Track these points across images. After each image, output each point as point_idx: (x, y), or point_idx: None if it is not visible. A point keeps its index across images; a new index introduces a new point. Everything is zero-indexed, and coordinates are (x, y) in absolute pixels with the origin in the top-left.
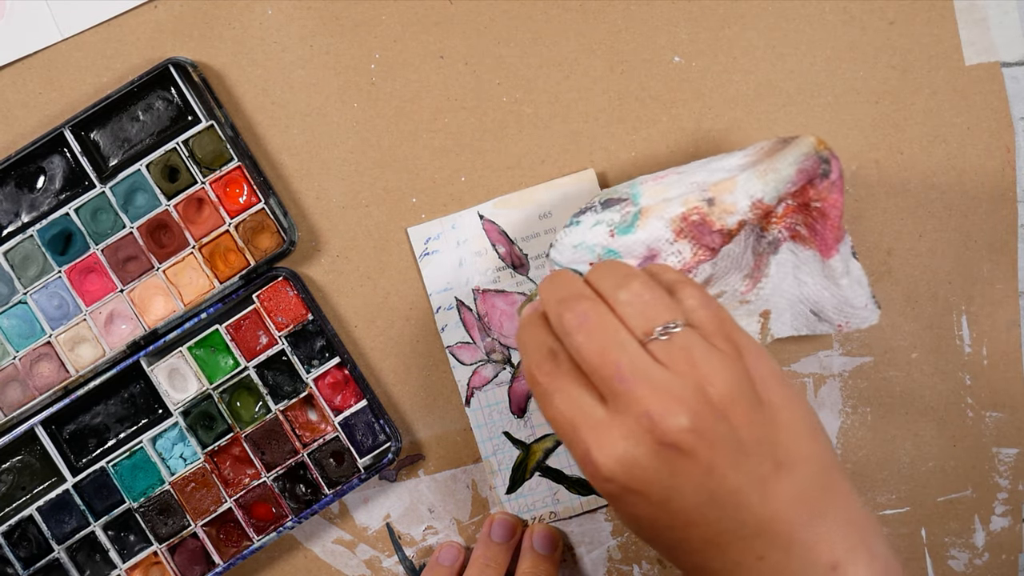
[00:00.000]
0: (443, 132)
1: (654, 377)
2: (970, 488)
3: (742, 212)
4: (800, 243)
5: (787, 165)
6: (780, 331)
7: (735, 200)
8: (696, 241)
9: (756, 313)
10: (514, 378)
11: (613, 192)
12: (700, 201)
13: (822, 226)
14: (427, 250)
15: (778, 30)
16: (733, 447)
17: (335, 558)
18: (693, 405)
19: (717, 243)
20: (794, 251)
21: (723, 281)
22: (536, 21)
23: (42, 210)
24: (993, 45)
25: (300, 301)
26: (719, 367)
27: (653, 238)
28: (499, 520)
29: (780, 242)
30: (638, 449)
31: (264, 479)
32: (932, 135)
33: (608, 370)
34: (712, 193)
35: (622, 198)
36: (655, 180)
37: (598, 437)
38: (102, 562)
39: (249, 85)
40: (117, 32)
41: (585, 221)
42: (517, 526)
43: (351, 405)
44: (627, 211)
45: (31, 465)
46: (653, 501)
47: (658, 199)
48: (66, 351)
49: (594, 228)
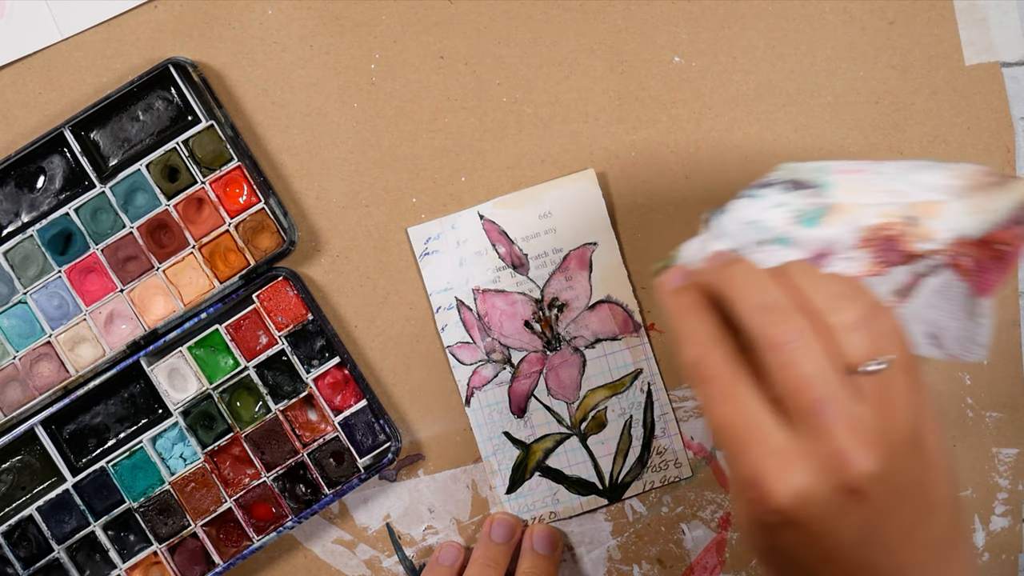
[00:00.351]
0: (443, 132)
1: (854, 415)
2: (970, 488)
3: (941, 243)
4: (959, 273)
5: (1004, 207)
6: None
7: (938, 228)
8: (878, 255)
9: None
10: (514, 378)
11: (798, 172)
12: (901, 218)
13: (995, 268)
14: (427, 250)
15: (778, 30)
16: (899, 492)
17: (335, 558)
18: (884, 449)
19: (895, 261)
20: (946, 277)
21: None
22: (536, 21)
23: (42, 210)
24: (993, 45)
25: (300, 301)
26: (907, 410)
27: (834, 239)
28: (499, 520)
29: (940, 269)
30: (820, 487)
31: (264, 479)
32: (932, 135)
33: (807, 398)
34: (915, 213)
35: (811, 183)
36: (849, 173)
37: (779, 465)
38: (102, 562)
39: (249, 85)
40: (117, 32)
41: (767, 198)
42: (517, 526)
43: (351, 405)
44: (816, 202)
45: (31, 465)
46: (807, 536)
47: (855, 200)
48: (66, 351)
49: (775, 209)
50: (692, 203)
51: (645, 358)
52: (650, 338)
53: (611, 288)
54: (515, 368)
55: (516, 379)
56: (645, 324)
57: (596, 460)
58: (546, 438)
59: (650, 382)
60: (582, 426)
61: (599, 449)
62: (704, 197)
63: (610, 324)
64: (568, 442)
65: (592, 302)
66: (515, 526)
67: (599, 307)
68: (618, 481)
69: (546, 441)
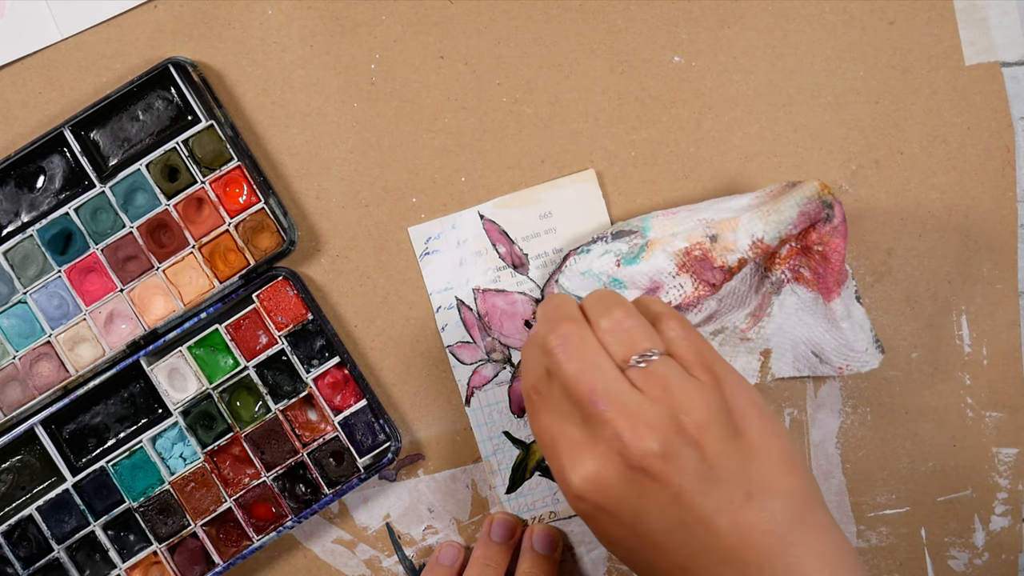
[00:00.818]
0: (443, 132)
1: (627, 401)
2: (970, 488)
3: (742, 250)
4: (803, 285)
5: (789, 207)
6: (781, 371)
7: (736, 238)
8: (697, 276)
9: (757, 351)
10: (514, 378)
11: (626, 224)
12: (703, 237)
13: (824, 269)
14: (427, 250)
15: (778, 30)
16: (703, 474)
17: (335, 558)
18: (664, 431)
19: (718, 279)
20: (797, 292)
21: (726, 318)
22: (536, 21)
23: (42, 210)
24: (993, 45)
25: (300, 301)
26: (694, 395)
27: (656, 270)
28: (499, 520)
29: (783, 283)
30: (608, 470)
31: (264, 479)
32: (932, 135)
33: (584, 391)
34: (715, 230)
35: (632, 230)
36: (666, 215)
37: (572, 456)
38: (102, 562)
39: (249, 85)
40: (117, 32)
41: (595, 250)
42: (517, 526)
43: (351, 405)
44: (635, 243)
45: (31, 465)
46: (623, 522)
47: (666, 233)
48: (66, 351)
49: (602, 257)
50: (692, 203)
51: None
52: None
53: None
54: (515, 368)
55: (516, 379)
56: None
57: None
58: None
59: None
60: None
61: None
62: (704, 197)
63: None
64: None
65: None
66: (515, 526)
67: None
68: None
69: None
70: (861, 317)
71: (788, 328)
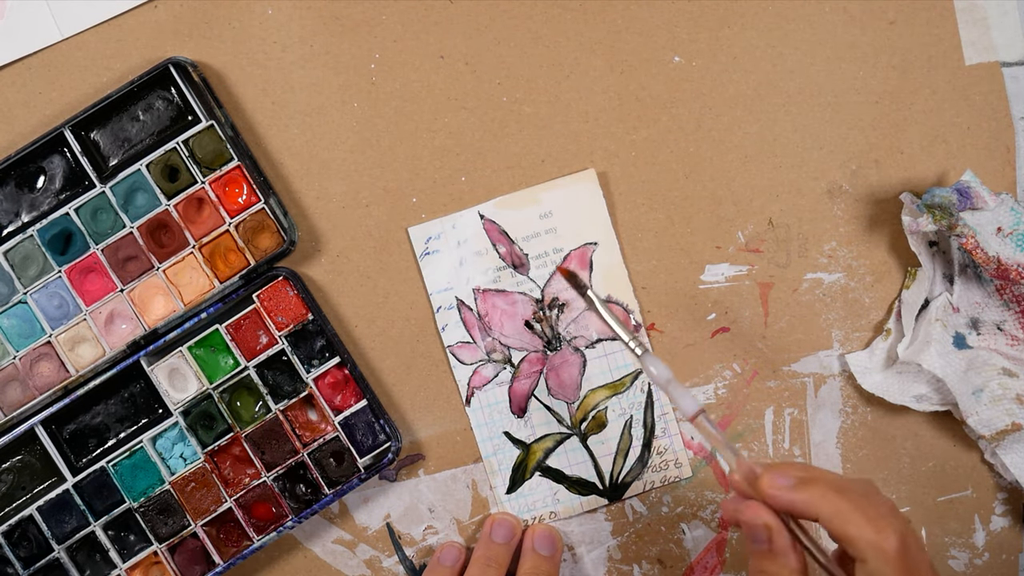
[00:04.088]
0: (443, 132)
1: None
2: (970, 488)
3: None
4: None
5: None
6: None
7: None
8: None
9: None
10: (514, 378)
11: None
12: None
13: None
14: (427, 250)
15: (778, 30)
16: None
17: (335, 558)
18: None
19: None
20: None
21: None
22: (536, 21)
23: (42, 210)
24: (993, 45)
25: (300, 301)
26: None
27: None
28: (500, 520)
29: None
30: None
31: (264, 479)
32: (932, 135)
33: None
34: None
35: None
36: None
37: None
38: (102, 562)
39: (249, 85)
40: (117, 32)
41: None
42: (517, 526)
43: (351, 405)
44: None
45: (31, 465)
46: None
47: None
48: (66, 351)
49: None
50: (692, 203)
51: None
52: (650, 338)
53: (611, 288)
54: (515, 368)
55: (516, 379)
56: (645, 324)
57: (596, 460)
58: (546, 438)
59: (650, 382)
60: (582, 426)
61: (599, 449)
62: (704, 197)
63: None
64: (568, 442)
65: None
66: (516, 526)
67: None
68: (618, 481)
69: (546, 441)
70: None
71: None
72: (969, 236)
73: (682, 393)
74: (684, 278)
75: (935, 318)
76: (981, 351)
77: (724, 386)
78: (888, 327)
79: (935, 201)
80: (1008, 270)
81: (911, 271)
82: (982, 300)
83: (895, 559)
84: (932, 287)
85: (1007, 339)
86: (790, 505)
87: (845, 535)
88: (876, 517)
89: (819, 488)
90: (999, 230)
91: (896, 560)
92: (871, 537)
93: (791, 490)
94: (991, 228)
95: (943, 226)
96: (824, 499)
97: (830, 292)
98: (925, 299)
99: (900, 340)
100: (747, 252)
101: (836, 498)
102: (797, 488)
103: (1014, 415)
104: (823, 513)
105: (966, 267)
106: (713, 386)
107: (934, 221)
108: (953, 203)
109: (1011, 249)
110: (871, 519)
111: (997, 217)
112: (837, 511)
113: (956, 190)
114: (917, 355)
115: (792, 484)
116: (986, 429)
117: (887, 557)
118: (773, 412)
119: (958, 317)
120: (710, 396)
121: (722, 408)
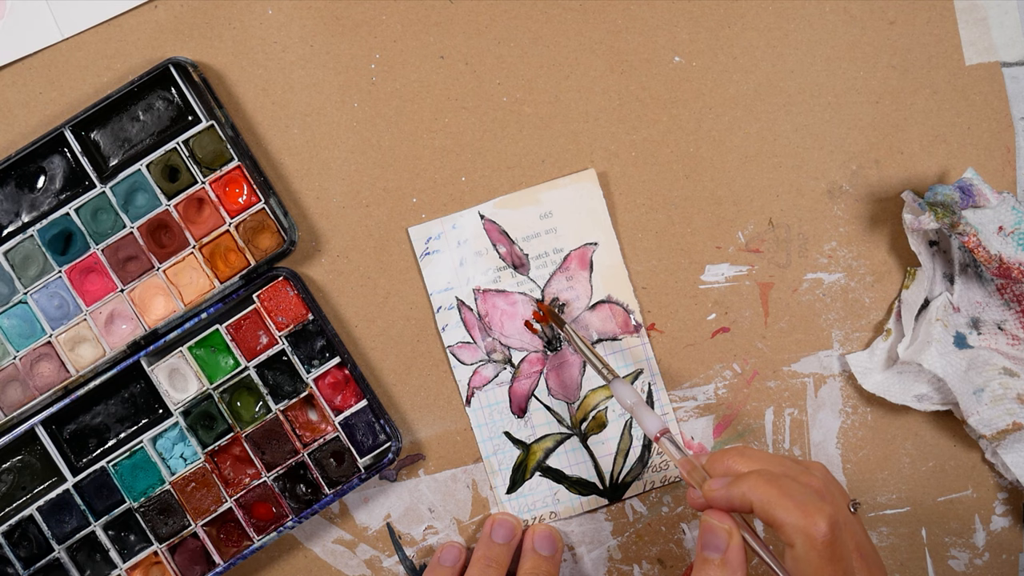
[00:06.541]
0: (443, 132)
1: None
2: (970, 488)
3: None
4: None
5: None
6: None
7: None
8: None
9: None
10: (515, 378)
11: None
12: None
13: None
14: (427, 250)
15: (778, 30)
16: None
17: (335, 558)
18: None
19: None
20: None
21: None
22: (536, 21)
23: (42, 210)
24: (993, 45)
25: (300, 301)
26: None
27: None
28: (500, 520)
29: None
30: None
31: (264, 479)
32: (932, 135)
33: None
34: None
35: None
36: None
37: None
38: (102, 562)
39: (249, 85)
40: (117, 32)
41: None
42: (518, 526)
43: (351, 405)
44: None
45: (31, 465)
46: None
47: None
48: (66, 351)
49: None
50: (692, 203)
51: (645, 358)
52: (650, 338)
53: (612, 288)
54: (516, 368)
55: (517, 379)
56: (645, 324)
57: (596, 460)
58: (546, 438)
59: (651, 382)
60: (583, 426)
61: (599, 449)
62: (704, 197)
63: (611, 324)
64: (568, 442)
65: (593, 302)
66: (516, 526)
67: (600, 307)
68: (618, 481)
69: (546, 441)
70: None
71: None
72: (971, 235)
73: (647, 415)
74: (684, 278)
75: (936, 318)
76: (982, 351)
77: (724, 386)
78: (888, 327)
79: (937, 199)
80: (1010, 269)
81: (911, 271)
82: (983, 299)
83: (822, 544)
84: (932, 287)
85: (1008, 338)
86: (728, 502)
87: (774, 520)
88: (805, 502)
89: (751, 479)
90: (1000, 229)
91: (823, 546)
92: (798, 522)
93: (727, 487)
94: (992, 227)
95: (945, 224)
96: (754, 488)
97: (830, 292)
98: (925, 299)
99: (900, 340)
100: (747, 252)
101: (766, 486)
102: (732, 484)
103: (1015, 414)
104: (754, 501)
105: (967, 266)
106: (713, 386)
107: (936, 219)
108: (955, 201)
109: (1012, 248)
110: (799, 504)
111: (998, 216)
112: (767, 498)
113: (959, 188)
114: (918, 355)
115: (727, 482)
116: (987, 429)
117: (813, 542)
118: (773, 412)
119: (959, 317)
120: (710, 396)
121: (722, 408)
